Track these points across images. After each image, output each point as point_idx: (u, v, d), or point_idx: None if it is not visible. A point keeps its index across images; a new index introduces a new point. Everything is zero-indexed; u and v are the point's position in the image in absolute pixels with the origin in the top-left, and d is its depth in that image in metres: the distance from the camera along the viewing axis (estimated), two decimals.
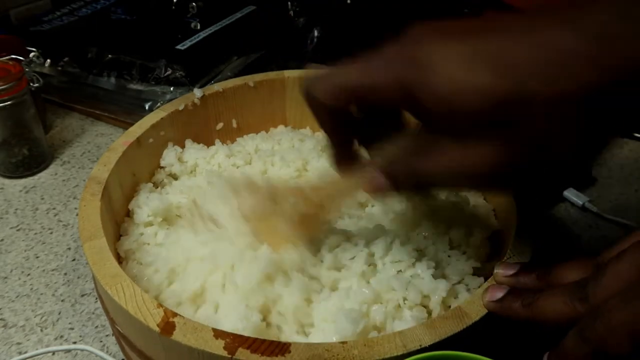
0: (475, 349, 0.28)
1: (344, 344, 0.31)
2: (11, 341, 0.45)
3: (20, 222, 0.57)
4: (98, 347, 0.44)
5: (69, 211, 0.59)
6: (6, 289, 0.50)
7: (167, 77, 0.66)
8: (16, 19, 0.86)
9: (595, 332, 0.26)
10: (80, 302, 0.48)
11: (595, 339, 0.26)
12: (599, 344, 0.26)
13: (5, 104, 0.59)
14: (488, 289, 0.34)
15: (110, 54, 0.69)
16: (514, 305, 0.31)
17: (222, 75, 0.69)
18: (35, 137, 0.64)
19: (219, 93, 0.56)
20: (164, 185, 0.52)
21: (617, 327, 0.25)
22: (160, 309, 0.33)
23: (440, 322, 0.32)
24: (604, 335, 0.26)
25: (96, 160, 0.55)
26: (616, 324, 0.25)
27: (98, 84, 0.70)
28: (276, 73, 0.58)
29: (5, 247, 0.54)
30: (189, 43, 0.71)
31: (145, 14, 0.80)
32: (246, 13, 0.80)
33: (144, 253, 0.44)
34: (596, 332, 0.26)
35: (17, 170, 0.63)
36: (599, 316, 0.26)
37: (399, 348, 0.31)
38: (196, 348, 0.31)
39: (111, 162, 0.46)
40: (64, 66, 0.72)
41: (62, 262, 0.52)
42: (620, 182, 0.61)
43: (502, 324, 0.33)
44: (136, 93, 0.68)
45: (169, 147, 0.53)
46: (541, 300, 0.30)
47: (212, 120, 0.57)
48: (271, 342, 0.31)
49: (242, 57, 0.73)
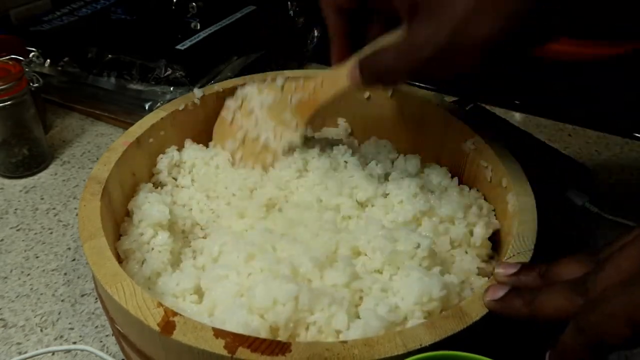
0: (475, 349, 0.28)
1: (344, 343, 0.31)
2: (11, 341, 0.45)
3: (20, 222, 0.57)
4: (98, 347, 0.44)
5: (69, 211, 0.59)
6: (6, 289, 0.50)
7: (167, 77, 0.66)
8: (16, 19, 0.86)
9: (592, 322, 0.26)
10: (80, 302, 0.48)
11: (593, 328, 0.26)
12: (597, 333, 0.26)
13: (5, 104, 0.59)
14: (489, 288, 0.34)
15: (110, 54, 0.69)
16: (514, 304, 0.31)
17: (222, 75, 0.69)
18: (35, 137, 0.64)
19: (219, 93, 0.56)
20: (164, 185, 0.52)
21: (616, 314, 0.25)
22: (160, 308, 0.33)
23: (440, 322, 0.32)
24: (602, 324, 0.26)
25: (96, 160, 0.55)
26: (614, 311, 0.25)
27: (98, 84, 0.70)
28: (276, 73, 0.58)
29: (5, 247, 0.54)
30: (189, 43, 0.71)
31: (145, 14, 0.80)
32: (246, 13, 0.80)
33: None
34: (593, 321, 0.26)
35: (17, 170, 0.63)
36: (595, 306, 0.26)
37: (399, 348, 0.31)
38: (196, 347, 0.31)
39: (111, 162, 0.46)
40: (64, 66, 0.72)
41: (62, 262, 0.52)
42: (620, 182, 0.61)
43: (502, 324, 0.33)
44: (136, 93, 0.68)
45: (166, 152, 0.53)
46: (541, 297, 0.30)
47: (212, 120, 0.57)
48: (271, 341, 0.31)
49: (242, 57, 0.73)
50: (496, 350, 0.29)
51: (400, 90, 0.55)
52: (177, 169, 0.53)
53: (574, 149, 0.66)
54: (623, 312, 0.25)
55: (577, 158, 0.63)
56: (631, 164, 0.64)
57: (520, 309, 0.31)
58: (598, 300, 0.26)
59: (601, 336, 0.26)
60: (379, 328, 0.35)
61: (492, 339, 0.35)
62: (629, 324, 0.25)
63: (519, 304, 0.31)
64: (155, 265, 0.43)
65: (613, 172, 0.62)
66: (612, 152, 0.66)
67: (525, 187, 0.43)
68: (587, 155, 0.65)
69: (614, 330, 0.25)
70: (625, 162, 0.64)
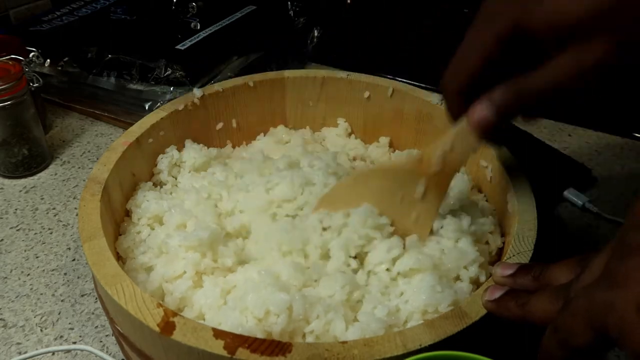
0: (475, 349, 0.28)
1: (344, 343, 0.31)
2: (11, 341, 0.45)
3: (20, 222, 0.57)
4: (98, 347, 0.44)
5: (69, 211, 0.59)
6: (6, 289, 0.50)
7: (167, 77, 0.66)
8: (16, 19, 0.86)
9: (561, 322, 0.27)
10: (80, 302, 0.48)
11: (562, 328, 0.26)
12: (567, 335, 0.26)
13: (5, 104, 0.59)
14: (488, 289, 0.34)
15: (110, 54, 0.69)
16: (509, 305, 0.32)
17: (222, 75, 0.69)
18: (35, 137, 0.64)
19: (219, 93, 0.56)
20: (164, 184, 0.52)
21: (578, 314, 0.26)
22: (160, 308, 0.33)
23: (440, 322, 0.32)
24: (568, 324, 0.26)
25: (96, 160, 0.55)
26: (576, 311, 0.26)
27: (98, 84, 0.70)
28: (276, 73, 0.58)
29: (5, 247, 0.54)
30: (189, 43, 0.71)
31: (145, 14, 0.80)
32: (246, 13, 0.80)
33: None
34: (562, 321, 0.26)
35: (17, 170, 0.63)
36: (566, 307, 0.27)
37: (399, 348, 0.31)
38: (196, 348, 0.31)
39: (111, 162, 0.46)
40: (64, 66, 0.72)
41: (62, 262, 0.52)
42: (620, 182, 0.61)
43: (502, 324, 0.33)
44: (136, 93, 0.68)
45: (166, 152, 0.53)
46: (532, 301, 0.30)
47: (212, 120, 0.57)
48: (271, 341, 0.31)
49: (242, 57, 0.73)
50: (496, 350, 0.29)
51: (400, 90, 0.55)
52: (177, 168, 0.53)
53: (574, 149, 0.66)
54: (583, 312, 0.25)
55: (577, 158, 0.63)
56: (631, 164, 0.64)
57: (513, 311, 0.31)
58: (568, 302, 0.27)
59: (569, 336, 0.26)
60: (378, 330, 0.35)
61: (492, 339, 0.35)
62: (588, 324, 0.25)
63: (513, 306, 0.32)
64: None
65: (613, 172, 0.62)
66: (612, 152, 0.66)
67: (525, 187, 0.43)
68: (587, 155, 0.65)
69: (578, 331, 0.25)
70: (625, 162, 0.64)
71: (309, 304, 0.36)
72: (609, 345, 0.25)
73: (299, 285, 0.39)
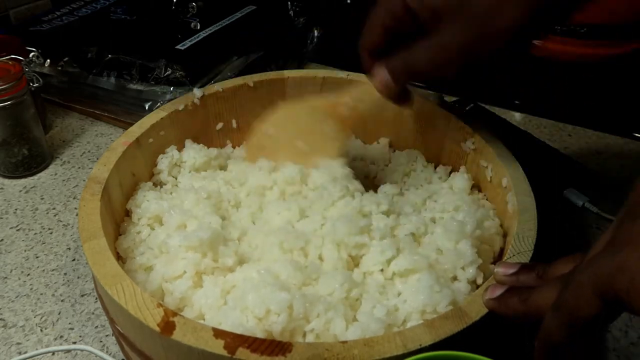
0: (475, 349, 0.28)
1: (344, 343, 0.31)
2: (11, 341, 0.45)
3: (20, 222, 0.57)
4: (98, 347, 0.44)
5: (69, 211, 0.59)
6: (6, 289, 0.50)
7: (167, 77, 0.66)
8: (16, 19, 0.86)
9: (564, 298, 0.26)
10: (80, 302, 0.48)
11: (566, 305, 0.26)
12: (570, 308, 0.26)
13: (5, 104, 0.59)
14: (489, 287, 0.34)
15: (110, 54, 0.69)
16: (511, 302, 0.32)
17: (222, 75, 0.69)
18: (35, 137, 0.64)
19: (219, 93, 0.56)
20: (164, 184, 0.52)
21: (583, 285, 0.26)
22: (160, 308, 0.33)
23: (440, 322, 0.32)
24: (572, 298, 0.26)
25: (96, 160, 0.55)
26: (581, 282, 0.26)
27: (98, 84, 0.70)
28: (276, 73, 0.58)
29: (5, 247, 0.54)
30: (189, 43, 0.71)
31: (145, 14, 0.80)
32: (246, 13, 0.80)
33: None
34: (565, 297, 0.26)
35: (17, 170, 0.63)
36: (567, 285, 0.27)
37: (399, 348, 0.31)
38: (196, 347, 0.31)
39: (111, 162, 0.46)
40: (64, 66, 0.72)
41: (62, 262, 0.52)
42: (620, 182, 0.61)
43: (502, 324, 0.33)
44: (136, 93, 0.68)
45: (166, 152, 0.53)
46: (535, 294, 0.30)
47: (212, 120, 0.57)
48: (271, 341, 0.31)
49: (242, 57, 0.73)
50: (496, 350, 0.29)
51: None
52: (177, 168, 0.53)
53: (574, 149, 0.66)
54: (589, 282, 0.25)
55: (577, 158, 0.63)
56: (631, 164, 0.64)
57: (516, 307, 0.31)
58: (569, 280, 0.27)
59: (574, 311, 0.26)
60: (378, 330, 0.35)
61: (492, 339, 0.35)
62: (596, 292, 0.25)
63: (515, 302, 0.31)
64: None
65: (613, 172, 0.62)
66: (612, 152, 0.66)
67: (525, 187, 0.43)
68: (587, 155, 0.65)
69: (584, 301, 0.25)
70: (625, 162, 0.64)
71: (309, 302, 0.36)
72: (615, 313, 0.25)
73: (298, 284, 0.39)
